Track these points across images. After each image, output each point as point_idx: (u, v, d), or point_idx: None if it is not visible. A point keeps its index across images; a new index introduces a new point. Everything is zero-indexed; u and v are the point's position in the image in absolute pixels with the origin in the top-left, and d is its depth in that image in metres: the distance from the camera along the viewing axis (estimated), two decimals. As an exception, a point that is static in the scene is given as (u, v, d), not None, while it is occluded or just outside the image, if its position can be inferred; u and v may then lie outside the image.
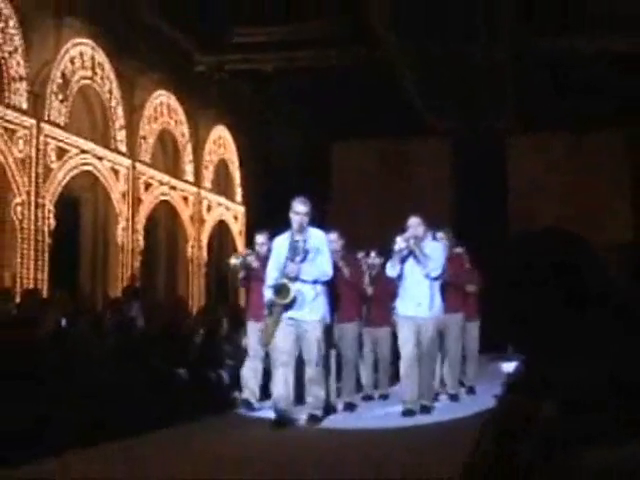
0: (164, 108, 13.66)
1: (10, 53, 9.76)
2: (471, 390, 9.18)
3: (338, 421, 7.31)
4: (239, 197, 16.31)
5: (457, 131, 15.97)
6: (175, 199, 14.04)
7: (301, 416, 7.03)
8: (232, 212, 16.14)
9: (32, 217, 10.09)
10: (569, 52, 12.91)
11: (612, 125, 15.89)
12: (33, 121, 10.09)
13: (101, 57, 11.64)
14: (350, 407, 8.08)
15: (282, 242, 7.16)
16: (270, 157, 16.17)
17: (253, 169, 16.11)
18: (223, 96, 15.32)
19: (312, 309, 6.92)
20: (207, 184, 15.26)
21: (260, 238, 8.35)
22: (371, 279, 8.89)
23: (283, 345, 6.89)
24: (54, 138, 10.55)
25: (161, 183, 13.53)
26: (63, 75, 10.81)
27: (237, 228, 16.17)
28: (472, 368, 9.35)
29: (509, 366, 11.58)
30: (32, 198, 10.09)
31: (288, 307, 6.88)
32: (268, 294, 7.00)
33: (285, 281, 6.84)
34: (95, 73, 11.59)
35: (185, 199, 14.44)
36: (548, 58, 13.15)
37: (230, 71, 14.51)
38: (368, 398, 9.01)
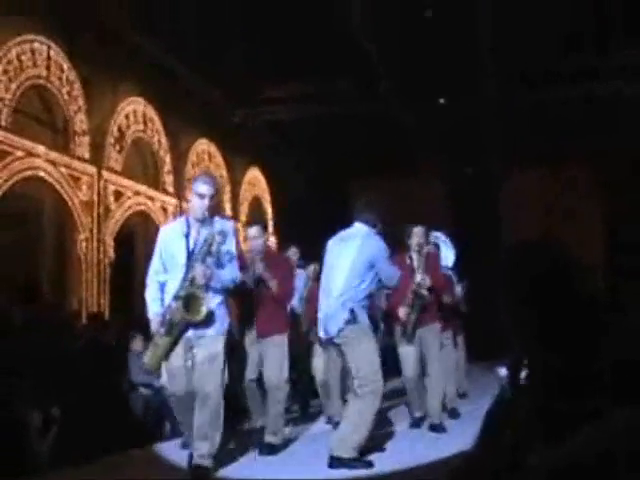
0: (205, 154, 13.67)
1: (75, 112, 9.88)
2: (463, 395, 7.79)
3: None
4: (271, 229, 16.28)
5: (452, 172, 15.65)
6: (216, 232, 14.01)
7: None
8: (266, 241, 16.07)
9: (94, 251, 10.07)
10: (554, 100, 12.71)
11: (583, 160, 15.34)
12: (94, 169, 10.16)
13: (151, 113, 11.75)
14: (270, 448, 5.25)
15: (174, 235, 4.65)
16: (294, 192, 15.99)
17: (282, 204, 16.05)
18: (255, 142, 15.21)
19: (213, 321, 4.53)
20: (243, 218, 15.16)
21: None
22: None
23: (182, 379, 4.54)
24: (112, 183, 10.60)
25: (204, 218, 13.55)
26: (119, 129, 10.91)
27: (271, 256, 16.07)
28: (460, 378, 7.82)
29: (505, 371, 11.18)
30: (94, 234, 10.07)
31: (195, 324, 4.49)
32: (154, 307, 4.60)
33: (195, 290, 4.43)
34: (146, 126, 11.68)
35: (224, 231, 14.42)
36: (535, 106, 12.91)
37: (260, 121, 14.42)
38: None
